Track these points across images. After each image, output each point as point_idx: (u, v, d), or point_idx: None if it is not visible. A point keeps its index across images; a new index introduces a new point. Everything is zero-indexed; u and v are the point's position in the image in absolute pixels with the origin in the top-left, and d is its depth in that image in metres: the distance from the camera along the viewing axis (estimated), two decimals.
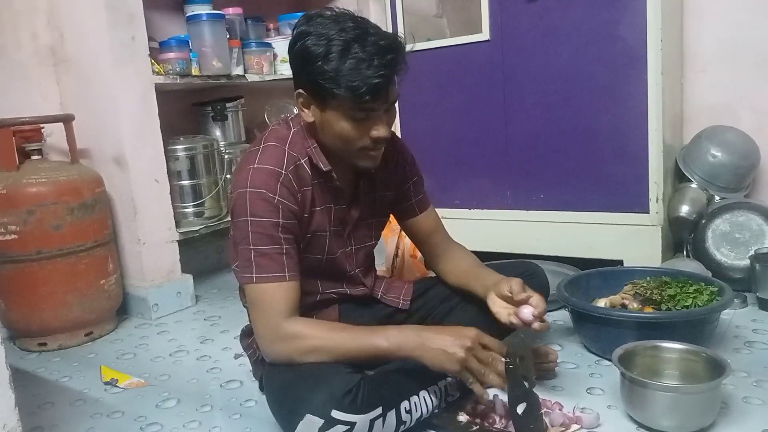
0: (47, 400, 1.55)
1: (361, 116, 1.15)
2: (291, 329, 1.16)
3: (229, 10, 2.49)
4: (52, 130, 2.08)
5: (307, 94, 1.18)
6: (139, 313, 2.15)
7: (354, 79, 1.09)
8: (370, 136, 1.18)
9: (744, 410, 1.25)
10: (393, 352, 1.13)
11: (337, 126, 1.16)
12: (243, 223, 1.18)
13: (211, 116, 2.51)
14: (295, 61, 1.17)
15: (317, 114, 1.19)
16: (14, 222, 1.81)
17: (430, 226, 1.48)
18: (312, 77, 1.13)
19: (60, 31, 2.12)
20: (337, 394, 1.06)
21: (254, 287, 1.18)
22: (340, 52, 1.10)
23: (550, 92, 2.12)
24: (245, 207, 1.17)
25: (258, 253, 1.17)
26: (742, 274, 1.92)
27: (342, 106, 1.14)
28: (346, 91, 1.10)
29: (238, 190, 1.19)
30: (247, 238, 1.17)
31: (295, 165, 1.21)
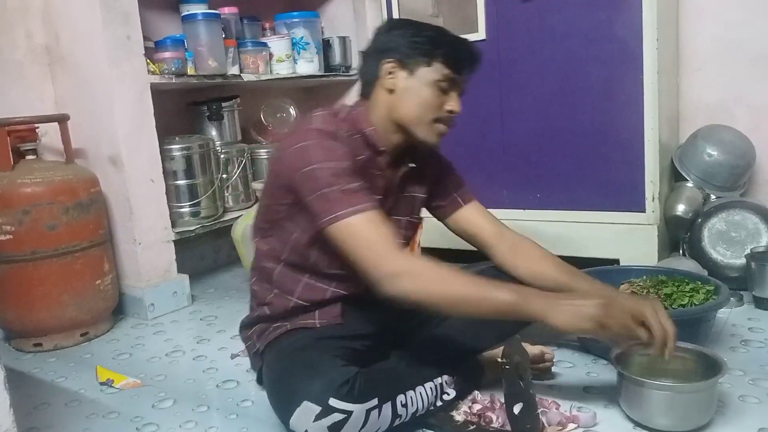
0: (43, 401, 1.54)
1: (444, 86, 1.25)
2: (407, 262, 1.12)
3: (224, 10, 2.48)
4: (46, 129, 2.07)
5: (397, 61, 1.25)
6: (135, 313, 2.14)
7: (453, 48, 1.25)
8: (445, 109, 1.27)
9: (741, 409, 1.26)
10: (519, 306, 1.08)
11: (421, 92, 1.24)
12: (315, 170, 1.15)
13: (207, 116, 2.51)
14: (390, 36, 1.27)
15: (402, 80, 1.25)
16: (9, 222, 1.81)
17: (484, 218, 1.44)
18: (411, 43, 1.23)
19: (55, 30, 2.11)
20: (335, 383, 1.07)
21: (345, 223, 1.12)
22: (437, 31, 1.27)
23: (546, 92, 2.12)
24: (309, 157, 1.16)
25: (341, 191, 1.14)
26: (738, 272, 1.92)
27: (432, 74, 1.24)
28: (446, 56, 1.23)
29: (294, 147, 1.19)
30: (325, 182, 1.14)
31: (346, 134, 1.25)
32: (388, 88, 1.27)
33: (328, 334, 1.26)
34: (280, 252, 1.31)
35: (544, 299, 1.10)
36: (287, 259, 1.31)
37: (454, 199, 1.45)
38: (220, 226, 2.41)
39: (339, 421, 1.06)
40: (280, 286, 1.33)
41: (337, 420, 1.06)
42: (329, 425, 1.06)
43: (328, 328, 1.29)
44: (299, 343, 1.24)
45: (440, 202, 1.46)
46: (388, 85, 1.26)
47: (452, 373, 1.28)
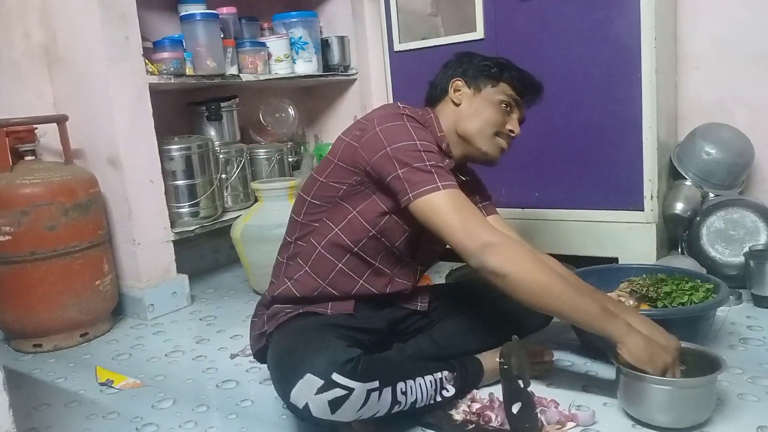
0: (42, 402, 1.54)
1: (507, 107, 1.36)
2: (499, 237, 1.15)
3: (223, 10, 2.48)
4: (45, 130, 2.07)
5: (465, 80, 1.37)
6: (135, 314, 2.14)
7: (519, 71, 1.37)
8: (506, 128, 1.37)
9: (739, 406, 1.26)
10: (600, 320, 1.15)
11: (486, 109, 1.35)
12: (403, 147, 1.19)
13: (206, 116, 2.51)
14: (458, 61, 1.41)
15: (468, 98, 1.36)
16: (8, 223, 1.81)
17: (505, 229, 1.46)
18: (481, 65, 1.36)
19: (53, 29, 2.11)
20: (339, 360, 1.08)
21: (440, 195, 1.16)
22: (504, 59, 1.40)
23: (544, 90, 2.12)
24: (401, 134, 1.21)
25: (433, 167, 1.18)
26: (736, 270, 1.92)
27: (497, 93, 1.35)
28: (513, 80, 1.36)
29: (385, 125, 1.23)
30: (412, 158, 1.18)
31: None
32: (454, 102, 1.38)
33: (337, 322, 1.26)
34: (327, 232, 1.29)
35: (625, 325, 1.16)
36: (332, 240, 1.29)
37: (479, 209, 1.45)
38: (219, 226, 2.41)
39: (340, 396, 1.06)
40: (314, 267, 1.31)
41: (338, 395, 1.06)
42: (330, 399, 1.06)
43: (338, 317, 1.29)
44: (307, 325, 1.25)
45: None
46: (455, 99, 1.37)
47: (452, 369, 1.29)
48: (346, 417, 1.09)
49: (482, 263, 1.13)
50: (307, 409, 1.07)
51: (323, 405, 1.06)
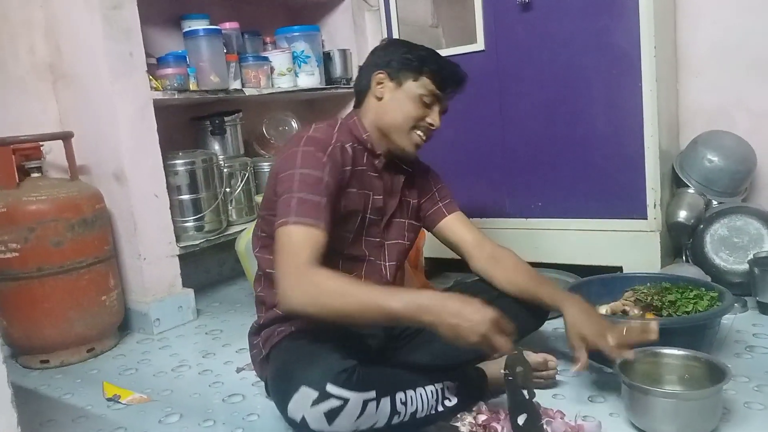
0: (50, 418, 1.55)
1: (428, 101, 1.34)
2: (313, 273, 1.14)
3: (225, 25, 2.51)
4: (51, 147, 2.09)
5: (387, 73, 1.35)
6: (141, 328, 2.15)
7: (440, 67, 1.35)
8: (426, 121, 1.35)
9: (746, 415, 1.25)
10: (406, 316, 1.09)
11: (405, 104, 1.34)
12: (288, 176, 1.23)
13: (210, 130, 2.52)
14: (381, 55, 1.38)
15: (390, 91, 1.35)
16: (15, 240, 1.82)
17: (466, 228, 1.51)
18: (403, 57, 1.34)
19: (58, 46, 2.13)
20: (333, 370, 1.08)
21: (287, 229, 1.18)
22: (427, 51, 1.37)
23: (546, 100, 2.13)
24: (294, 161, 1.24)
25: (300, 200, 1.20)
26: (741, 278, 1.92)
27: (418, 87, 1.34)
28: (433, 73, 1.33)
29: (289, 150, 1.27)
30: (290, 188, 1.21)
31: (341, 144, 1.31)
32: (377, 96, 1.37)
33: (331, 334, 1.26)
34: None
35: (433, 315, 1.08)
36: None
37: (439, 209, 1.52)
38: (224, 239, 2.42)
39: (335, 407, 1.06)
40: None
41: (333, 406, 1.06)
42: (326, 411, 1.06)
43: (331, 330, 1.29)
44: (301, 340, 1.26)
45: (427, 212, 1.52)
46: (377, 94, 1.36)
47: (454, 379, 1.29)
48: (344, 428, 1.08)
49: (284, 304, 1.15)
50: (304, 422, 1.08)
51: (320, 417, 1.07)
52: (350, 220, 1.35)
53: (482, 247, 1.48)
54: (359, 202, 1.35)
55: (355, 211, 1.35)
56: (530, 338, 1.67)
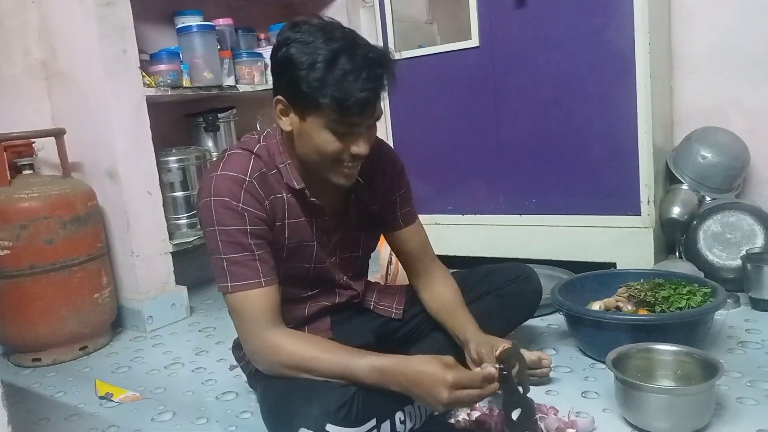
0: (42, 416, 1.54)
1: (342, 130, 1.11)
2: (273, 341, 1.14)
3: (219, 21, 2.50)
4: (43, 144, 2.08)
5: (287, 101, 1.14)
6: (134, 326, 2.14)
7: (340, 90, 1.06)
8: (349, 152, 1.14)
9: (738, 411, 1.26)
10: (371, 384, 1.09)
11: (316, 137, 1.12)
12: (211, 233, 1.16)
13: (203, 127, 2.52)
14: (277, 67, 1.14)
15: (296, 123, 1.15)
16: (7, 237, 1.81)
17: (414, 242, 1.42)
18: (295, 84, 1.09)
19: (51, 45, 2.12)
20: (331, 408, 1.05)
21: (232, 297, 1.16)
22: (326, 61, 1.06)
23: (540, 97, 2.13)
24: (211, 216, 1.15)
25: (230, 261, 1.14)
26: (734, 274, 1.92)
27: (323, 118, 1.10)
28: (331, 102, 1.06)
29: (203, 200, 1.17)
30: (217, 248, 1.15)
31: (261, 172, 1.18)
32: (283, 129, 1.19)
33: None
34: None
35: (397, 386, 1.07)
36: None
37: (395, 219, 1.40)
38: None
39: None
40: None
41: None
42: None
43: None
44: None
45: (384, 218, 1.41)
46: (283, 126, 1.18)
47: None
48: None
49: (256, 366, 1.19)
50: None
51: None
52: (305, 249, 1.27)
53: (420, 262, 1.43)
54: (306, 230, 1.25)
55: (306, 238, 1.26)
56: (524, 336, 1.67)
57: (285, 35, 1.13)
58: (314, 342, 1.16)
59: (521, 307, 1.52)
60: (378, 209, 1.38)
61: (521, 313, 1.54)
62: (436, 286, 1.42)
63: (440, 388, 1.02)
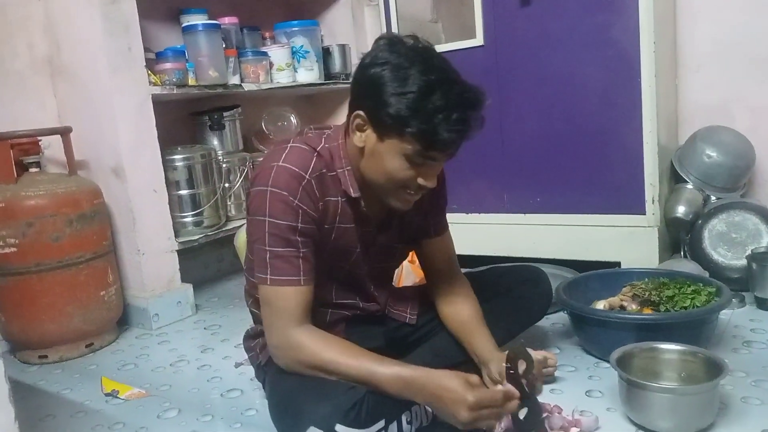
0: (48, 413, 1.55)
1: (418, 161, 1.11)
2: (298, 339, 1.14)
3: (224, 20, 2.50)
4: (49, 142, 2.09)
5: (368, 118, 1.12)
6: (140, 324, 2.15)
7: (429, 125, 1.05)
8: (417, 182, 1.14)
9: (743, 410, 1.26)
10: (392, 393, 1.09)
11: (390, 162, 1.12)
12: (260, 223, 1.15)
13: (209, 125, 2.52)
14: (365, 84, 1.12)
15: (371, 141, 1.14)
16: (13, 235, 1.82)
17: (442, 253, 1.42)
18: (382, 106, 1.07)
19: (56, 41, 2.13)
20: (341, 409, 1.05)
21: (268, 289, 1.16)
22: (421, 92, 1.05)
23: (544, 96, 2.13)
24: (264, 206, 1.14)
25: (274, 254, 1.14)
26: (739, 273, 1.92)
27: (402, 145, 1.09)
28: (418, 133, 1.06)
29: (258, 187, 1.16)
30: (263, 239, 1.15)
31: (320, 173, 1.18)
32: (356, 144, 1.17)
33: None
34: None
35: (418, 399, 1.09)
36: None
37: (428, 226, 1.40)
38: (222, 235, 2.42)
39: None
40: None
41: None
42: None
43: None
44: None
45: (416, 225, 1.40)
46: (357, 142, 1.16)
47: None
48: None
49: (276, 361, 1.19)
50: None
51: None
52: (347, 253, 1.28)
53: (444, 275, 1.42)
54: (352, 236, 1.26)
55: (351, 244, 1.27)
56: (529, 335, 1.67)
57: (381, 54, 1.11)
58: (338, 345, 1.15)
59: (531, 309, 1.52)
60: (420, 220, 1.38)
61: (531, 316, 1.54)
62: (457, 302, 1.40)
63: (460, 407, 1.02)
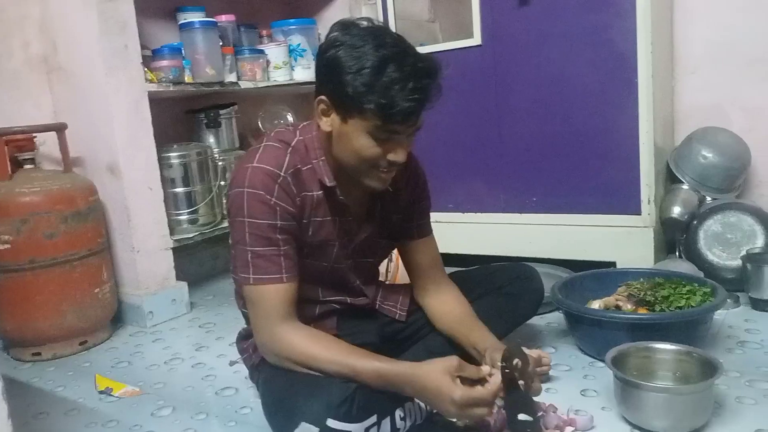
0: (41, 411, 1.54)
1: (383, 137, 1.12)
2: (286, 337, 1.15)
3: (221, 18, 2.49)
4: (44, 139, 2.08)
5: (330, 102, 1.14)
6: (134, 321, 2.14)
7: (386, 98, 1.06)
8: (386, 158, 1.15)
9: (737, 410, 1.26)
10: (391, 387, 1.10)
11: (356, 141, 1.13)
12: (239, 224, 1.16)
13: (205, 123, 2.51)
14: (324, 68, 1.13)
15: (336, 124, 1.15)
16: (7, 231, 1.81)
17: (426, 255, 1.41)
18: (340, 87, 1.09)
19: (52, 39, 2.12)
20: (333, 404, 1.05)
21: (252, 288, 1.17)
22: (375, 67, 1.06)
23: (541, 96, 2.13)
24: (242, 207, 1.15)
25: (255, 254, 1.16)
26: (734, 274, 1.93)
27: (365, 123, 1.10)
28: (376, 108, 1.06)
29: (235, 189, 1.17)
30: (243, 239, 1.16)
31: (295, 168, 1.19)
32: (323, 128, 1.18)
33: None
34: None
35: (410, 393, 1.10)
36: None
37: (411, 228, 1.40)
38: (218, 232, 2.41)
39: None
40: None
41: None
42: None
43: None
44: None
45: (399, 227, 1.40)
46: (323, 126, 1.17)
47: None
48: None
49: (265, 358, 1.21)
50: None
51: None
52: (326, 248, 1.27)
53: (429, 277, 1.42)
54: (331, 229, 1.26)
55: (330, 237, 1.26)
56: (524, 334, 1.67)
57: (334, 37, 1.12)
58: (324, 341, 1.16)
59: (523, 306, 1.53)
60: (399, 219, 1.38)
61: (523, 313, 1.55)
62: (446, 302, 1.40)
63: (447, 405, 1.04)
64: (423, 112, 1.12)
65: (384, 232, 1.38)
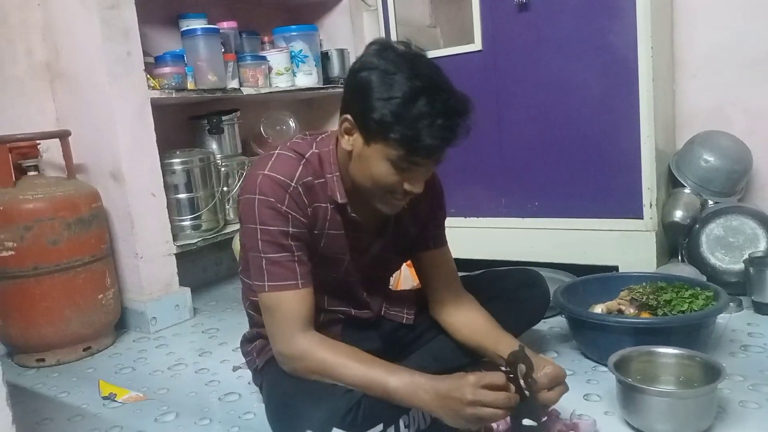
0: (45, 417, 1.55)
1: (403, 166, 1.10)
2: (302, 347, 1.14)
3: (223, 24, 2.51)
4: (48, 145, 2.09)
5: (355, 122, 1.12)
6: (138, 327, 2.15)
7: (412, 131, 1.04)
8: (403, 187, 1.13)
9: (740, 414, 1.26)
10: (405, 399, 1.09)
11: (375, 166, 1.11)
12: (252, 230, 1.16)
13: (207, 129, 2.52)
14: (353, 88, 1.11)
15: (358, 145, 1.13)
16: (11, 238, 1.82)
17: (443, 266, 1.39)
18: (368, 111, 1.07)
19: (55, 46, 2.13)
20: (338, 413, 1.05)
21: (267, 296, 1.16)
22: (406, 98, 1.04)
23: (542, 100, 2.14)
24: (254, 214, 1.15)
25: (269, 261, 1.15)
26: (736, 278, 1.92)
27: (388, 150, 1.08)
28: (401, 139, 1.05)
29: (246, 195, 1.17)
30: (256, 246, 1.15)
31: (306, 180, 1.17)
32: (344, 148, 1.16)
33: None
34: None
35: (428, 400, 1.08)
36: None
37: (427, 238, 1.38)
38: (221, 238, 2.42)
39: None
40: None
41: None
42: None
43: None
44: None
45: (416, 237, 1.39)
46: (345, 145, 1.15)
47: None
48: None
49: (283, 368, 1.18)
50: None
51: None
52: (337, 261, 1.27)
53: (446, 288, 1.39)
54: (342, 244, 1.25)
55: (341, 251, 1.26)
56: (526, 339, 1.67)
57: (369, 59, 1.10)
58: (346, 352, 1.15)
59: (529, 312, 1.52)
60: (416, 232, 1.37)
61: (529, 318, 1.54)
62: (467, 312, 1.36)
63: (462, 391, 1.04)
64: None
65: (398, 248, 1.37)
